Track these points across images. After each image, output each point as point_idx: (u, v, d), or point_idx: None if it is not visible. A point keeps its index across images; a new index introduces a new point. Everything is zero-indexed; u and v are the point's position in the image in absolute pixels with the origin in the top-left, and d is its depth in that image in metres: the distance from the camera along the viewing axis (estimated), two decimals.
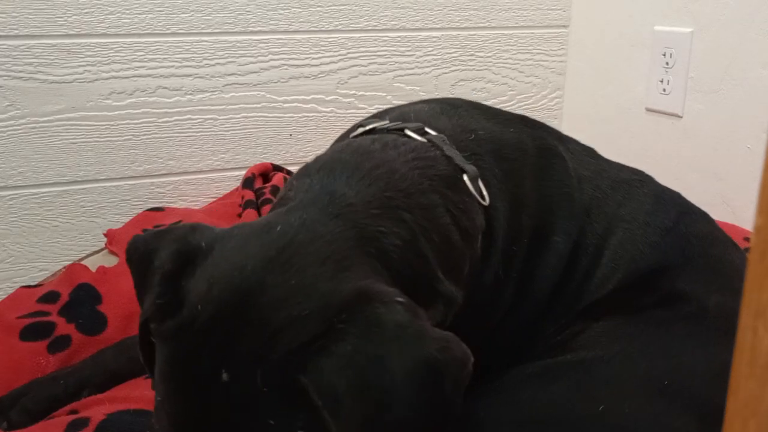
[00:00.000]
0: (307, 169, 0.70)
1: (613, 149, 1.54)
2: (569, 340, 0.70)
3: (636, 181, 0.85)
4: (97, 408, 0.83)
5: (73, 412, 0.85)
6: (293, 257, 0.55)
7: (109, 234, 1.30)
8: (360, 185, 0.64)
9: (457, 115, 0.81)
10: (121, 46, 1.23)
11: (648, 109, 1.41)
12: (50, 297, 1.04)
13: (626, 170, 0.87)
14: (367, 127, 0.78)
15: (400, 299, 0.53)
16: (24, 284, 1.17)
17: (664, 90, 1.35)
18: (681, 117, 1.33)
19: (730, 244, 0.82)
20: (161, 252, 0.58)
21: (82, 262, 1.20)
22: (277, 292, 0.52)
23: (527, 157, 0.79)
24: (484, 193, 0.72)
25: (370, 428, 0.46)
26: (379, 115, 0.85)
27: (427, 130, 0.75)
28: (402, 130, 0.75)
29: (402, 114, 0.81)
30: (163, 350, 0.55)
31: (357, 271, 0.55)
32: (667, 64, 1.34)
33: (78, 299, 1.03)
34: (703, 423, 0.58)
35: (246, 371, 0.50)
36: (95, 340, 0.98)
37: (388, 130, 0.76)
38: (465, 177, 0.71)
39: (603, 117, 1.53)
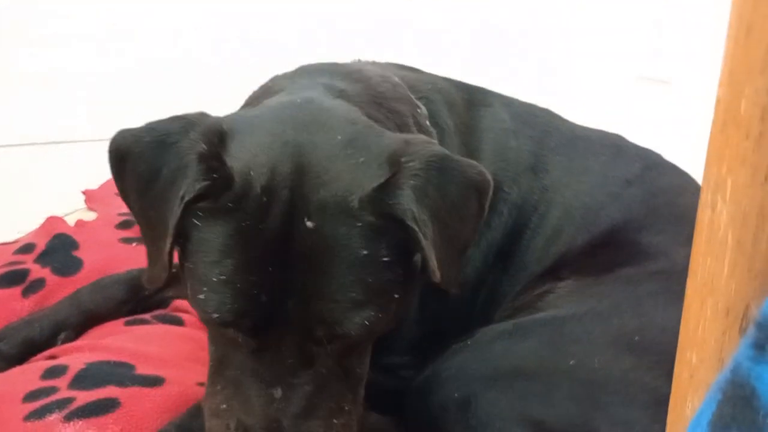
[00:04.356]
0: (276, 76, 0.75)
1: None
2: (537, 301, 0.70)
3: (594, 137, 0.86)
4: (77, 356, 0.80)
5: (52, 357, 0.82)
6: (328, 121, 0.60)
7: (87, 193, 1.29)
8: (345, 82, 0.70)
9: (417, 72, 0.87)
10: None
11: (639, 77, 1.39)
12: (26, 248, 1.02)
13: (582, 128, 0.89)
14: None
15: (432, 140, 0.63)
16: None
17: (656, 56, 1.34)
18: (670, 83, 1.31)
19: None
20: (180, 138, 0.57)
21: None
22: (329, 148, 0.57)
23: (472, 118, 0.84)
24: (432, 131, 0.77)
25: (440, 242, 0.56)
26: None
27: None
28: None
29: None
30: (221, 227, 0.55)
31: (385, 129, 0.63)
32: (659, 30, 1.32)
33: (54, 247, 1.01)
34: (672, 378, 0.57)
35: (331, 214, 0.54)
36: (70, 281, 0.96)
37: None
38: (418, 111, 0.76)
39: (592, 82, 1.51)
